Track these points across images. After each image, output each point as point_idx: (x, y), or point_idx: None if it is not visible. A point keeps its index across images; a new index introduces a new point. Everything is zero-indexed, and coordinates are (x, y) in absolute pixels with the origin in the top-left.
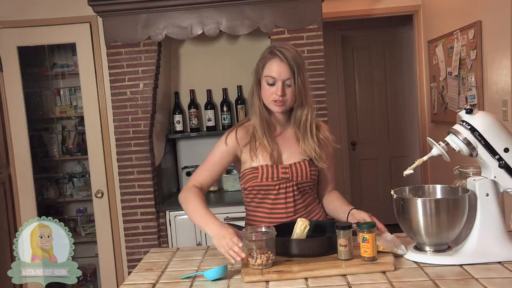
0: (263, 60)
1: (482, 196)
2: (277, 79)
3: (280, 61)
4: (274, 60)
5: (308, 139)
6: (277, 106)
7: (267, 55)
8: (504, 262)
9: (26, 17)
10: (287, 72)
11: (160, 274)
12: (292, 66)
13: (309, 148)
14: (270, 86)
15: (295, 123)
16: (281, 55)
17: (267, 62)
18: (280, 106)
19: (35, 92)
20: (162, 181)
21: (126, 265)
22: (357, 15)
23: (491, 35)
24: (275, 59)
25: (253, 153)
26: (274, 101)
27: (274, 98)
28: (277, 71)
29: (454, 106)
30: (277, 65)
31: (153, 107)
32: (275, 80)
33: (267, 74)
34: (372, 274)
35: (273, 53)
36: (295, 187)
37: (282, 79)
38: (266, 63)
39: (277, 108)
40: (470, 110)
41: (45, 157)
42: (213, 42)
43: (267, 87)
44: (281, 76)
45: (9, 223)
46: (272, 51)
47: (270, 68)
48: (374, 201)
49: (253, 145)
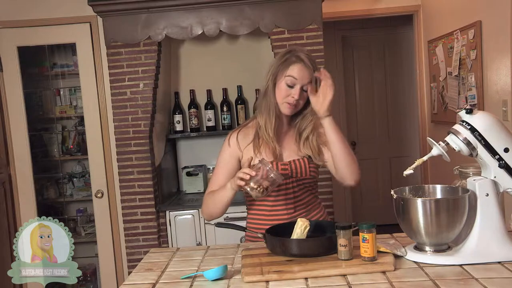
0: (286, 62)
1: (482, 196)
2: (298, 82)
3: (304, 66)
4: (298, 64)
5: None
6: (289, 108)
7: (291, 58)
8: (504, 262)
9: (26, 17)
10: (308, 77)
11: (160, 274)
12: (312, 71)
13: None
14: (288, 87)
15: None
16: (306, 61)
17: (291, 64)
18: (292, 109)
19: (35, 92)
20: (162, 181)
21: (126, 265)
22: (357, 15)
23: (491, 35)
24: (300, 63)
25: (257, 150)
26: (288, 103)
27: (289, 101)
28: (301, 74)
29: (454, 106)
30: (301, 69)
31: (153, 107)
32: (295, 83)
33: (289, 74)
34: (372, 274)
35: (299, 58)
36: (294, 184)
37: (302, 83)
38: (290, 65)
39: (288, 110)
40: (470, 110)
41: (45, 157)
42: (213, 42)
43: (285, 88)
44: (302, 80)
45: (9, 223)
46: (298, 56)
47: (293, 70)
48: (374, 201)
49: (257, 143)
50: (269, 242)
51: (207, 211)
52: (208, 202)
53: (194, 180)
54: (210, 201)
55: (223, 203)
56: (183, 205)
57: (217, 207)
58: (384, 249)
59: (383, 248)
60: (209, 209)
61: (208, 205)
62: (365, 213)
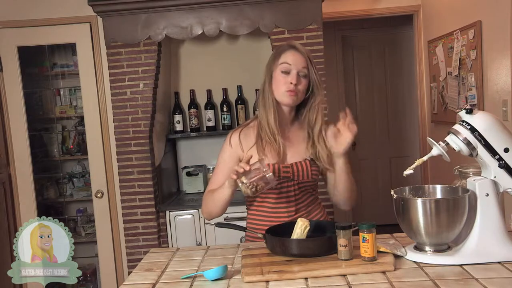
0: (278, 51)
1: (482, 196)
2: (292, 67)
3: (296, 51)
4: (290, 51)
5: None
6: (290, 96)
7: (283, 47)
8: (504, 262)
9: (26, 17)
10: (303, 61)
11: (160, 274)
12: (306, 57)
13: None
14: (285, 75)
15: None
16: (299, 47)
17: (282, 52)
18: (293, 96)
19: (35, 92)
20: (162, 181)
21: (126, 265)
22: (357, 15)
23: (491, 35)
24: (291, 50)
25: (262, 153)
26: (287, 91)
27: (288, 88)
28: (294, 59)
29: (454, 106)
30: (293, 54)
31: (153, 107)
32: (290, 68)
33: (282, 62)
34: (372, 274)
35: (290, 45)
36: (296, 187)
37: (297, 68)
38: (281, 53)
39: (289, 99)
40: (470, 110)
41: (45, 157)
42: (213, 42)
43: (281, 77)
44: (296, 65)
45: (9, 223)
46: (289, 44)
47: (285, 57)
48: (374, 201)
49: (260, 144)
50: (269, 242)
51: (206, 210)
52: (207, 201)
53: (194, 180)
54: (209, 200)
55: (222, 201)
56: (183, 205)
57: (216, 206)
58: (384, 249)
59: (383, 248)
60: (208, 208)
61: (208, 204)
62: (365, 213)
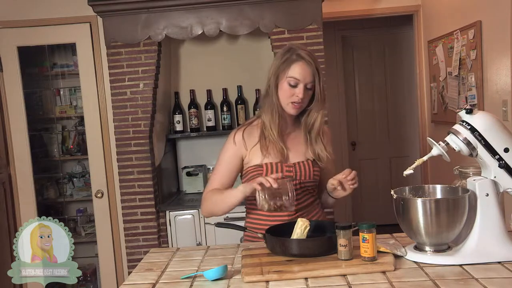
0: (287, 61)
1: (482, 196)
2: (300, 82)
3: (306, 64)
4: (299, 63)
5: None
6: (294, 108)
7: (292, 57)
8: (504, 262)
9: (26, 17)
10: (311, 74)
11: (160, 274)
12: (315, 71)
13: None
14: (291, 87)
15: (306, 125)
16: (307, 58)
17: (292, 63)
18: (297, 108)
19: (35, 92)
20: (162, 181)
21: (126, 265)
22: (357, 15)
23: (491, 35)
24: (301, 62)
25: (265, 151)
26: (292, 102)
27: (294, 100)
28: (302, 73)
29: (454, 106)
30: (302, 68)
31: (153, 107)
32: (298, 82)
33: (291, 75)
34: (372, 274)
35: (299, 56)
36: (297, 186)
37: (305, 82)
38: (291, 64)
39: (294, 110)
40: (470, 110)
41: (45, 157)
42: (213, 42)
43: (288, 88)
44: (305, 79)
45: (9, 223)
46: (298, 54)
47: (295, 70)
48: (374, 201)
49: (264, 143)
50: (269, 242)
51: (208, 209)
52: (210, 201)
53: (194, 180)
54: (213, 200)
55: (230, 204)
56: (183, 205)
57: (221, 207)
58: (384, 249)
59: (383, 248)
60: (211, 207)
61: (211, 204)
62: (365, 213)
